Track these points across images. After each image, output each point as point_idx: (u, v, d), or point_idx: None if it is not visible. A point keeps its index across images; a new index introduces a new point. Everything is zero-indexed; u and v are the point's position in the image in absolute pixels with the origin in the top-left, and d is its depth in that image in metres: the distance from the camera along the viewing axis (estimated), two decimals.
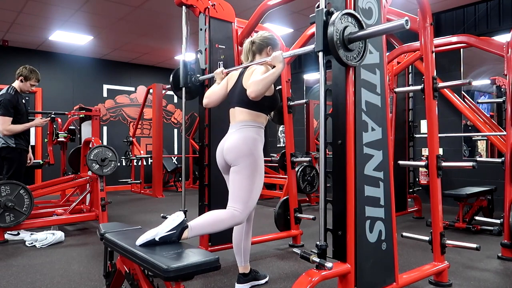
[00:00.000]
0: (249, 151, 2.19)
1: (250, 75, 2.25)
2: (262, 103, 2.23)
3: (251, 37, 2.47)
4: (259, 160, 2.23)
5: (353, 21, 1.80)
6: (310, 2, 5.14)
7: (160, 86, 7.45)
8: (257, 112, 2.27)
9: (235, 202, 2.17)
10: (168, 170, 7.97)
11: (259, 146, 2.26)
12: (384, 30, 1.75)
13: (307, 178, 5.39)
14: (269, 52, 2.39)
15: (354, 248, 1.90)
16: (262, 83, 2.05)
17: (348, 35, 1.75)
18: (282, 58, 2.07)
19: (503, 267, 2.96)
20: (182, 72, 2.95)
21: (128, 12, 5.62)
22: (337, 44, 1.72)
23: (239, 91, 2.32)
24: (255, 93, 2.06)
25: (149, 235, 1.86)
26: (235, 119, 2.31)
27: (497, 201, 4.49)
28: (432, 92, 2.61)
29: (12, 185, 3.64)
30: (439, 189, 2.60)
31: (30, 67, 4.00)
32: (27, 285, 2.61)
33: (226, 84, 2.46)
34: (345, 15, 1.77)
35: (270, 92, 2.27)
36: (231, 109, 2.36)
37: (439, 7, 5.64)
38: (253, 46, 2.41)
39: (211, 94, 2.50)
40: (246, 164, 2.18)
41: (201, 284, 2.59)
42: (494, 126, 5.11)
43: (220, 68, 2.56)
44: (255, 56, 2.42)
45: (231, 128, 2.33)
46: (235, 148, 2.21)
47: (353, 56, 1.81)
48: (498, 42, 3.51)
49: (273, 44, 2.42)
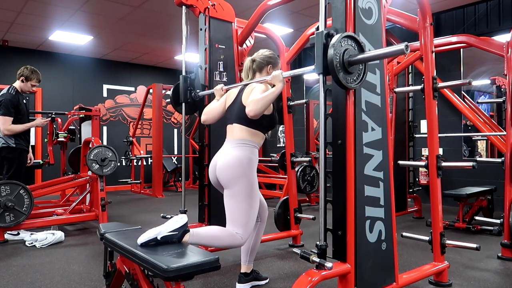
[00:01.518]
0: (243, 173, 2.12)
1: (249, 93, 2.22)
2: (260, 121, 2.19)
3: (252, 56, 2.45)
4: (253, 181, 2.16)
5: (353, 44, 1.79)
6: (310, 2, 5.14)
7: (160, 86, 7.45)
8: (255, 130, 2.22)
9: (234, 225, 2.10)
10: (168, 170, 7.97)
11: (254, 167, 2.19)
12: (385, 54, 1.76)
13: (307, 178, 5.39)
14: (269, 71, 2.39)
15: (354, 248, 1.90)
16: (261, 102, 2.03)
17: (348, 58, 1.74)
18: (282, 77, 2.07)
19: (503, 267, 2.96)
20: (182, 87, 2.96)
21: (128, 12, 5.62)
22: (337, 68, 1.72)
23: (238, 108, 2.27)
24: (254, 111, 2.04)
25: (151, 233, 1.86)
26: (232, 136, 2.25)
27: (497, 201, 4.49)
28: (432, 92, 2.61)
29: (12, 185, 3.63)
30: (439, 189, 2.60)
31: (31, 68, 4.00)
32: (27, 285, 2.61)
33: (224, 101, 2.43)
34: (346, 37, 1.76)
35: (269, 111, 2.22)
36: (229, 125, 2.30)
37: (439, 7, 5.64)
38: (253, 64, 2.40)
39: (209, 111, 2.47)
40: (240, 188, 2.11)
41: (201, 284, 2.59)
42: (494, 126, 5.11)
43: (219, 85, 2.53)
44: (255, 74, 2.41)
45: (227, 143, 2.26)
46: (228, 168, 2.13)
47: (353, 78, 1.81)
48: (498, 42, 3.51)
49: (273, 63, 2.41)
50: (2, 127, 3.77)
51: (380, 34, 2.09)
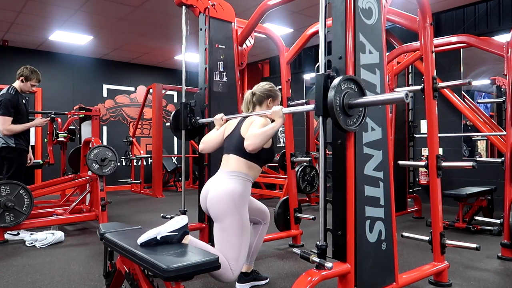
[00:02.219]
0: (234, 208, 2.05)
1: (249, 125, 2.20)
2: (259, 154, 2.16)
3: (252, 89, 2.45)
4: (244, 216, 2.09)
5: (354, 86, 1.79)
6: (310, 2, 5.14)
7: (160, 86, 7.45)
8: (252, 162, 2.18)
9: (226, 259, 2.02)
10: (168, 170, 7.97)
11: (246, 202, 2.14)
12: (385, 101, 1.76)
13: (307, 178, 5.39)
14: (269, 104, 2.39)
15: (354, 248, 1.90)
16: (260, 137, 2.02)
17: (349, 101, 1.74)
18: (282, 113, 2.07)
19: (503, 267, 2.96)
20: (182, 114, 3.00)
21: (128, 12, 5.62)
22: (337, 111, 1.71)
23: (236, 139, 2.24)
24: (252, 146, 2.02)
25: (151, 233, 1.87)
26: (227, 166, 2.21)
27: (497, 201, 4.49)
28: (432, 92, 2.61)
29: (12, 185, 3.63)
30: (439, 189, 2.60)
31: (31, 68, 4.00)
32: (27, 285, 2.61)
33: (223, 131, 2.41)
34: (346, 80, 1.75)
35: (267, 145, 2.20)
36: (226, 155, 2.27)
37: (439, 7, 5.64)
38: (253, 97, 2.40)
39: (207, 140, 2.46)
40: (231, 222, 2.04)
41: (201, 284, 2.59)
42: (494, 126, 5.11)
43: (219, 114, 2.52)
44: (255, 107, 2.41)
45: (221, 173, 2.21)
46: (220, 201, 2.07)
47: (353, 121, 1.81)
48: (498, 42, 3.51)
49: (273, 96, 2.41)
50: (1, 127, 3.76)
51: (380, 34, 2.09)
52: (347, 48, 1.92)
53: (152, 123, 8.00)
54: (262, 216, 2.49)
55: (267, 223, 2.54)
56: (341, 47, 1.94)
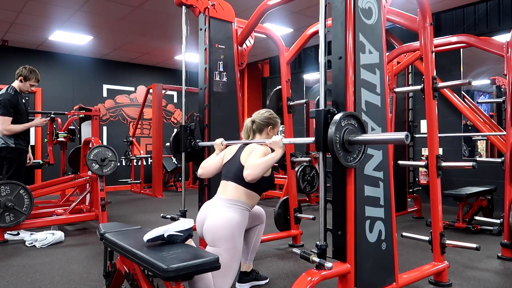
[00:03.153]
0: (231, 236, 2.03)
1: (249, 153, 2.19)
2: (258, 183, 2.14)
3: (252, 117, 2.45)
4: (238, 244, 2.08)
5: (354, 122, 1.79)
6: (310, 2, 5.14)
7: (160, 86, 7.45)
8: (251, 191, 2.17)
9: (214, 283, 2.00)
10: (168, 170, 7.96)
11: (243, 230, 2.14)
12: (385, 140, 1.79)
13: (307, 178, 5.39)
14: (269, 132, 2.39)
15: (354, 248, 1.90)
16: (260, 167, 2.02)
17: (349, 138, 1.74)
18: (282, 144, 2.07)
19: (503, 267, 2.96)
20: (182, 137, 3.01)
21: (128, 12, 5.62)
22: (337, 148, 1.71)
23: (236, 167, 2.22)
24: (252, 176, 2.02)
25: (159, 231, 1.89)
26: (225, 193, 2.18)
27: (497, 201, 4.49)
28: (432, 92, 2.61)
29: (12, 185, 3.63)
30: (439, 189, 2.60)
31: (30, 67, 4.00)
32: (27, 285, 2.61)
33: (222, 157, 2.40)
34: (347, 117, 1.75)
35: (267, 174, 2.18)
36: (224, 181, 2.25)
37: (439, 7, 5.64)
38: (253, 125, 2.41)
39: (206, 165, 2.44)
40: (224, 249, 2.01)
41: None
42: (494, 126, 5.11)
43: (219, 139, 2.51)
44: (255, 135, 2.41)
45: (219, 201, 2.18)
46: (217, 229, 2.04)
47: (353, 156, 1.81)
48: (498, 42, 3.51)
49: (273, 124, 2.41)
50: (1, 127, 3.76)
51: (380, 34, 2.09)
52: (347, 48, 1.92)
53: (152, 123, 8.00)
54: (260, 220, 2.51)
55: (264, 222, 2.55)
56: (341, 47, 1.94)
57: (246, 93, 8.57)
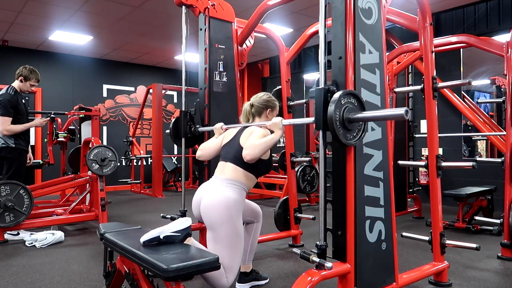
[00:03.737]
0: (229, 217, 2.03)
1: (248, 135, 2.20)
2: (256, 165, 2.16)
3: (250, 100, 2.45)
4: (238, 224, 2.08)
5: (354, 100, 1.79)
6: (310, 2, 5.14)
7: (160, 86, 7.45)
8: (248, 172, 2.18)
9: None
10: (168, 170, 7.96)
11: (240, 210, 2.13)
12: (386, 116, 1.77)
13: (307, 178, 5.39)
14: (268, 115, 2.40)
15: (354, 248, 1.90)
16: (259, 147, 2.03)
17: (349, 116, 1.75)
18: (281, 125, 2.08)
19: (503, 267, 2.96)
20: (182, 122, 3.02)
21: (128, 12, 5.62)
22: (336, 125, 1.72)
23: (235, 148, 2.23)
24: (250, 156, 2.03)
25: (155, 232, 1.88)
26: (223, 173, 2.19)
27: (497, 201, 4.49)
28: (432, 92, 2.61)
29: (12, 185, 3.63)
30: (439, 189, 2.60)
31: (30, 67, 4.00)
32: (27, 285, 2.61)
33: (221, 139, 2.41)
34: (346, 95, 1.76)
35: (265, 156, 2.19)
36: (222, 162, 2.25)
37: (439, 7, 5.64)
38: (252, 108, 2.41)
39: (205, 147, 2.46)
40: (225, 233, 2.02)
41: (201, 284, 2.59)
42: (494, 126, 5.11)
43: (219, 123, 2.52)
44: (254, 118, 2.41)
45: (216, 180, 2.18)
46: (214, 210, 2.04)
47: (352, 135, 1.81)
48: (498, 42, 3.52)
49: (272, 106, 2.42)
50: (1, 127, 3.76)
51: (380, 34, 2.09)
52: (347, 48, 1.92)
53: (152, 123, 8.00)
54: (255, 215, 2.50)
55: (260, 220, 2.54)
56: (341, 47, 1.94)
57: (246, 93, 8.56)
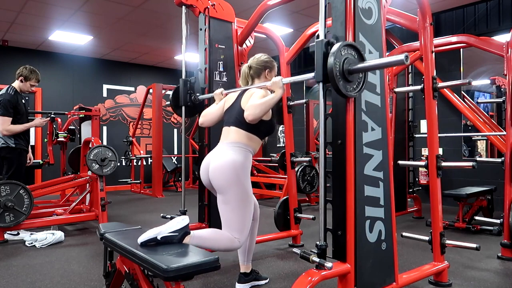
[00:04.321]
0: (237, 179, 2.08)
1: (249, 97, 2.22)
2: (258, 126, 2.18)
3: (248, 62, 2.44)
4: (247, 186, 2.14)
5: (353, 52, 1.79)
6: (310, 2, 5.15)
7: (160, 86, 7.45)
8: (252, 134, 2.20)
9: (230, 230, 2.10)
10: (168, 170, 7.96)
11: (248, 172, 2.17)
12: (385, 64, 1.76)
13: (307, 178, 5.39)
14: (267, 76, 2.39)
15: (354, 248, 1.90)
16: (260, 107, 2.04)
17: (348, 67, 1.75)
18: (282, 84, 2.08)
19: (503, 267, 2.96)
20: (182, 91, 2.98)
21: (128, 12, 5.62)
22: (336, 76, 1.72)
23: (236, 111, 2.26)
24: (252, 116, 2.05)
25: (151, 233, 1.87)
26: (228, 138, 2.23)
27: (497, 201, 4.49)
28: (432, 92, 2.61)
29: (12, 185, 3.63)
30: (439, 189, 2.60)
31: (31, 67, 4.00)
32: (27, 285, 2.61)
33: (223, 104, 2.42)
34: (346, 46, 1.76)
35: (267, 117, 2.22)
36: (226, 127, 2.29)
37: (439, 7, 5.64)
38: (250, 70, 2.40)
39: (207, 113, 2.47)
40: (234, 194, 2.08)
41: (201, 284, 2.59)
42: (494, 126, 5.11)
43: (219, 89, 2.53)
44: (253, 81, 2.41)
45: (221, 144, 2.23)
46: (222, 173, 2.09)
47: (353, 87, 1.81)
48: (498, 42, 3.52)
49: (270, 67, 2.41)
50: (1, 127, 3.76)
51: (380, 34, 2.09)
52: None
53: (152, 123, 8.00)
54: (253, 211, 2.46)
55: (257, 219, 2.52)
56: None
57: None
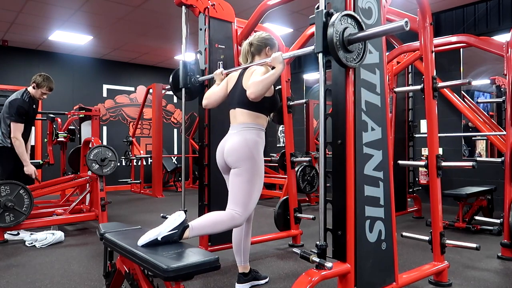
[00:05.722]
0: (250, 154, 2.18)
1: (250, 76, 2.24)
2: (262, 104, 2.22)
3: (248, 39, 2.46)
4: (260, 163, 2.23)
5: (353, 22, 1.80)
6: (310, 2, 5.14)
7: (160, 86, 7.45)
8: (257, 113, 2.26)
9: (235, 204, 2.16)
10: (168, 170, 7.97)
11: (260, 149, 2.26)
12: (384, 31, 1.75)
13: (307, 178, 5.39)
14: (267, 53, 2.39)
15: (354, 248, 1.90)
16: (262, 84, 2.06)
17: (348, 37, 1.75)
18: (282, 59, 2.08)
19: (503, 267, 2.96)
20: (181, 72, 2.95)
21: (128, 12, 5.62)
22: (336, 46, 1.72)
23: (239, 92, 2.31)
24: (254, 94, 2.07)
25: (151, 235, 1.86)
26: (236, 120, 2.31)
27: (497, 201, 4.49)
28: (432, 92, 2.61)
29: (12, 185, 3.63)
30: (439, 189, 2.60)
31: (45, 75, 4.00)
32: (27, 285, 2.61)
33: (225, 85, 2.45)
34: (345, 16, 1.76)
35: (270, 93, 2.26)
36: (232, 110, 2.35)
37: (439, 7, 5.64)
38: (251, 47, 2.41)
39: (210, 95, 2.49)
40: (247, 168, 2.17)
41: (201, 284, 2.59)
42: (494, 126, 5.11)
43: (219, 69, 2.55)
44: (254, 58, 2.41)
45: (232, 129, 2.32)
46: (236, 151, 2.20)
47: (353, 57, 1.81)
48: (497, 41, 3.52)
49: (271, 44, 2.41)
50: (13, 133, 3.79)
51: None
52: None
53: (152, 123, 8.00)
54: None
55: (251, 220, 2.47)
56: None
57: None
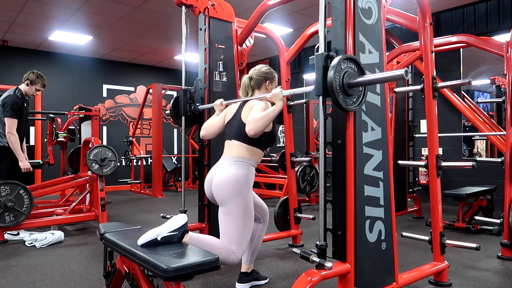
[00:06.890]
0: (239, 192, 2.09)
1: (249, 109, 2.21)
2: (260, 138, 2.17)
3: (248, 73, 2.44)
4: (248, 200, 2.14)
5: (353, 66, 1.79)
6: (310, 2, 5.14)
7: (160, 86, 7.45)
8: (254, 147, 2.20)
9: (228, 240, 2.09)
10: (168, 170, 7.97)
11: (250, 185, 2.19)
12: (385, 78, 1.77)
13: (307, 178, 5.39)
14: (267, 87, 2.39)
15: (354, 248, 1.90)
16: (261, 121, 2.04)
17: (348, 81, 1.74)
18: (281, 96, 2.08)
19: (503, 267, 2.96)
20: (182, 100, 2.99)
21: (128, 12, 5.62)
22: (336, 90, 1.71)
23: (237, 124, 2.25)
24: (254, 130, 2.04)
25: (151, 234, 1.86)
26: (230, 152, 2.23)
27: (497, 201, 4.49)
28: (432, 91, 2.61)
29: (12, 185, 3.63)
30: (439, 189, 2.60)
31: (38, 73, 4.02)
32: (27, 285, 2.60)
33: (224, 116, 2.42)
34: (346, 60, 1.76)
35: (268, 128, 2.20)
36: (227, 141, 2.29)
37: (439, 7, 5.64)
38: (251, 81, 2.40)
39: (208, 126, 2.46)
40: (235, 206, 2.09)
41: (201, 284, 2.59)
42: (494, 125, 5.11)
43: (219, 99, 2.53)
44: (254, 92, 2.40)
45: (224, 159, 2.24)
46: (224, 186, 2.11)
47: (353, 100, 1.81)
48: (497, 41, 3.52)
49: (271, 78, 2.41)
50: (7, 128, 3.78)
51: (380, 34, 2.09)
52: (346, 48, 1.92)
53: (152, 123, 8.00)
54: (261, 212, 2.48)
55: (266, 221, 2.53)
56: (341, 47, 1.94)
57: None
